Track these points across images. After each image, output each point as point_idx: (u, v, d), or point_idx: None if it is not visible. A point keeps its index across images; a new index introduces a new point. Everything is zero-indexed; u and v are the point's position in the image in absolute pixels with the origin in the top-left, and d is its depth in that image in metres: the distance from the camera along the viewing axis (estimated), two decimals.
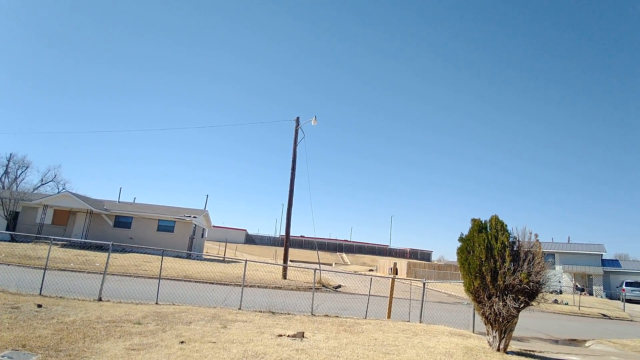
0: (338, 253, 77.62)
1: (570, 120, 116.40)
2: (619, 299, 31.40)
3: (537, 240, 7.92)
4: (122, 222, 31.93)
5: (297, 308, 11.97)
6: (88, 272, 17.13)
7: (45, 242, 25.22)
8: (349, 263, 69.89)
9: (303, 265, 38.29)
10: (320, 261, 27.16)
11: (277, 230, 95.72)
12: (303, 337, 7.66)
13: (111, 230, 31.15)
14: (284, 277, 22.58)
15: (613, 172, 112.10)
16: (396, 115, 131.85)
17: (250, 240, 76.26)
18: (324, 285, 21.91)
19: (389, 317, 12.23)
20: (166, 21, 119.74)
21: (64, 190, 37.43)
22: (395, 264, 16.17)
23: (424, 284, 13.38)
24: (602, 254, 42.27)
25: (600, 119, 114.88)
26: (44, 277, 10.70)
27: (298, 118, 24.74)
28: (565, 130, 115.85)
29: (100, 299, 10.31)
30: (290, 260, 42.00)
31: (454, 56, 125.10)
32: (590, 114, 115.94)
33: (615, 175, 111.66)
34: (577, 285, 37.43)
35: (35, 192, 39.09)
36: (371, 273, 44.91)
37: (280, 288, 19.10)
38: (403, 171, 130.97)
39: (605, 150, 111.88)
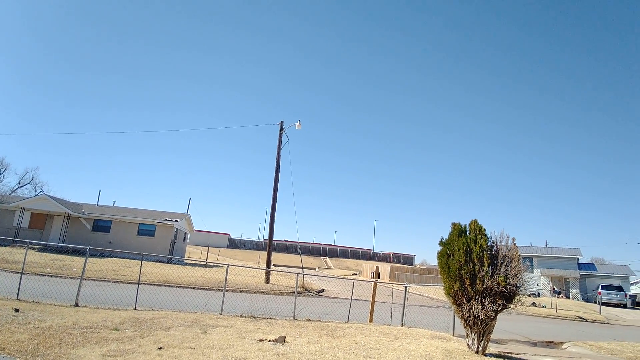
0: (322, 257, 77.53)
1: (549, 126, 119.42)
2: (595, 302, 32.17)
3: (515, 244, 8.11)
4: (101, 226, 31.24)
5: (279, 312, 11.93)
6: (65, 277, 16.71)
7: (22, 246, 24.55)
8: (332, 267, 69.91)
9: (286, 269, 38.16)
10: (303, 265, 27.12)
11: (260, 234, 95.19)
12: (284, 341, 7.64)
13: (89, 234, 30.46)
14: (267, 281, 22.47)
15: (590, 178, 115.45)
16: (382, 119, 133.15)
17: (234, 244, 75.57)
18: (307, 290, 21.87)
19: (371, 320, 12.30)
20: (143, 24, 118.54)
21: (41, 193, 36.56)
22: (377, 267, 16.28)
23: (406, 287, 13.51)
24: (578, 258, 43.33)
25: (578, 125, 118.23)
26: (20, 281, 10.52)
27: (282, 122, 24.76)
28: (543, 136, 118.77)
29: (77, 305, 10.09)
30: (274, 265, 41.80)
31: (451, 52, 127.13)
32: (568, 120, 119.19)
33: (592, 181, 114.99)
34: (554, 288, 38.21)
35: (12, 194, 38.10)
36: (354, 277, 44.97)
37: (262, 292, 18.98)
38: (387, 176, 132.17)
39: (583, 156, 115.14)
